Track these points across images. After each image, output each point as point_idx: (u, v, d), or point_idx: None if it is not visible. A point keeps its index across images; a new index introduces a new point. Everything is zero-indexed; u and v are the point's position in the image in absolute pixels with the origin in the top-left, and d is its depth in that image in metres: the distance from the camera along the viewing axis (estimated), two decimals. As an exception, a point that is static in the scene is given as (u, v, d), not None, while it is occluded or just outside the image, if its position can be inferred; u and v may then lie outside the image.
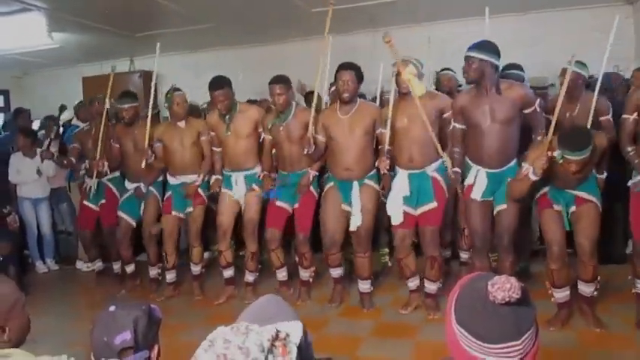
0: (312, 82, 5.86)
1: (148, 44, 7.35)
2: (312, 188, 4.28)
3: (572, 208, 3.40)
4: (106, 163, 4.86)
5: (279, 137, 4.22)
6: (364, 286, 4.09)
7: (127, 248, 4.89)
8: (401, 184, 3.81)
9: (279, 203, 4.29)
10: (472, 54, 3.35)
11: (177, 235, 4.71)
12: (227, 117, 4.28)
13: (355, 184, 3.97)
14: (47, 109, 7.40)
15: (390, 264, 4.89)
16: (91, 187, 5.03)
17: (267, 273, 4.76)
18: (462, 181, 3.70)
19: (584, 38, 3.73)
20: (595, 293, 3.43)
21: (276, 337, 1.06)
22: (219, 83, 4.25)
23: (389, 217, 3.92)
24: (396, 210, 3.82)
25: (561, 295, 3.43)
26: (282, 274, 4.46)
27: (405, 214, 3.81)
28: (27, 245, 5.93)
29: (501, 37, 3.76)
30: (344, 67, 3.89)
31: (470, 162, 3.61)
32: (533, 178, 3.11)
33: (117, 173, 5.08)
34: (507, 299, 1.09)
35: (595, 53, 3.98)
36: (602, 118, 3.86)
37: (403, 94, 3.80)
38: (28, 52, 7.14)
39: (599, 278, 3.41)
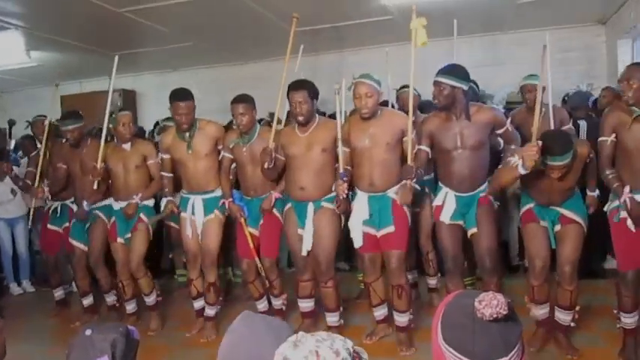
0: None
1: (129, 63, 7.36)
2: (275, 211, 3.99)
3: (558, 227, 3.31)
4: (46, 189, 4.64)
5: (242, 159, 3.96)
6: (332, 319, 3.81)
7: (84, 277, 4.61)
8: (360, 207, 3.60)
9: (249, 230, 4.03)
10: (443, 80, 3.24)
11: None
12: (188, 135, 3.96)
13: (310, 205, 3.70)
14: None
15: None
16: (55, 208, 4.80)
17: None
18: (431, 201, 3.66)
19: (554, 57, 3.80)
20: (572, 324, 3.35)
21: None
22: (183, 94, 3.96)
23: None
24: (356, 233, 3.62)
25: (541, 312, 3.39)
26: (261, 305, 4.19)
27: (369, 235, 3.61)
28: (2, 267, 5.78)
29: (470, 56, 3.81)
30: (295, 87, 3.65)
31: (440, 183, 3.54)
32: (522, 171, 2.94)
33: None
34: (495, 315, 1.10)
35: (567, 71, 4.07)
36: (564, 128, 3.90)
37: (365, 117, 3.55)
38: (6, 71, 7.07)
39: (577, 308, 3.34)
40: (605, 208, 3.33)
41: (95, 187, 4.16)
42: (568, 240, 3.26)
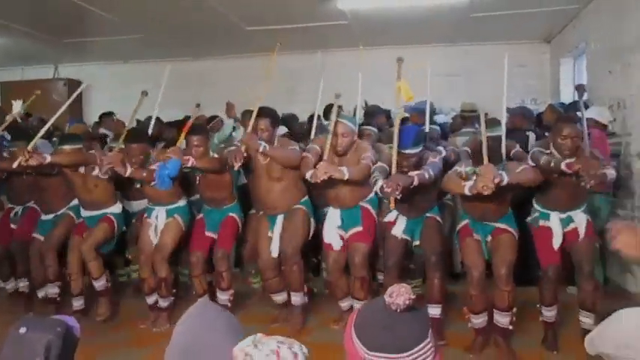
0: (245, 100, 5.85)
1: (75, 51, 7.12)
2: (236, 216, 4.23)
3: (489, 239, 3.53)
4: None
5: (202, 181, 4.18)
6: (296, 298, 4.07)
7: (39, 268, 4.45)
8: (333, 216, 3.89)
9: (206, 233, 4.19)
10: (410, 151, 3.38)
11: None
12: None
13: (280, 215, 3.99)
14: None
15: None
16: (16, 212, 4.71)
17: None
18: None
19: (504, 71, 3.98)
20: (510, 327, 3.51)
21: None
22: (136, 136, 4.06)
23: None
24: (333, 237, 3.86)
25: (479, 320, 3.54)
26: None
27: (342, 237, 3.88)
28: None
29: (434, 65, 3.92)
30: (260, 114, 3.83)
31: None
32: (467, 193, 3.14)
33: (32, 203, 4.70)
34: (407, 302, 1.17)
35: (513, 85, 4.24)
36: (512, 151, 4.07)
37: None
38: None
39: (514, 310, 3.50)
40: (527, 220, 3.68)
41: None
42: (502, 245, 3.49)
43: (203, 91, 6.86)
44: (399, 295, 1.17)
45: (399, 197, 3.18)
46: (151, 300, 4.25)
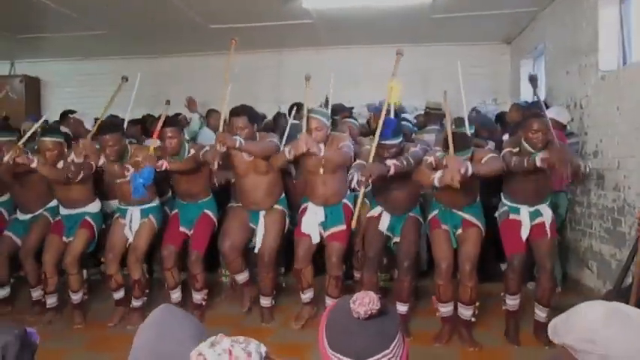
0: (209, 98, 5.79)
1: (33, 47, 6.90)
2: (211, 214, 4.24)
3: (459, 231, 3.66)
4: None
5: (177, 175, 4.18)
6: (265, 301, 4.13)
7: (2, 265, 4.41)
8: (315, 212, 3.94)
9: (180, 228, 4.21)
10: (391, 142, 3.45)
11: (60, 257, 4.24)
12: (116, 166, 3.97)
13: (262, 212, 4.07)
14: None
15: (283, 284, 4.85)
16: None
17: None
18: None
19: (466, 71, 4.08)
20: (473, 319, 3.66)
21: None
22: (108, 126, 4.01)
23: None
24: (312, 230, 3.93)
25: (446, 309, 3.68)
26: (175, 295, 4.23)
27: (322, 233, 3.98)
28: None
29: (385, 65, 3.97)
30: (236, 113, 3.84)
31: (375, 201, 3.90)
32: (436, 184, 3.27)
33: (7, 197, 4.62)
34: (370, 312, 1.16)
35: (474, 85, 4.34)
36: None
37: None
38: None
39: (477, 304, 3.65)
40: (495, 214, 3.81)
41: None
42: (468, 241, 3.63)
43: (167, 89, 6.77)
44: (362, 304, 1.16)
45: (369, 188, 3.29)
46: (117, 295, 4.24)
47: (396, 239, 3.85)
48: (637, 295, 2.32)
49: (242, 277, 4.23)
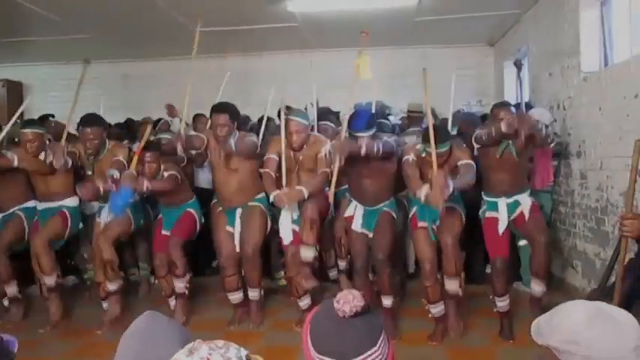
0: (196, 101, 5.74)
1: (15, 51, 6.81)
2: (193, 210, 4.27)
3: (437, 223, 3.69)
4: None
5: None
6: (253, 293, 4.10)
7: None
8: (290, 211, 3.91)
9: (163, 232, 4.22)
10: (364, 134, 3.53)
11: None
12: (92, 158, 4.07)
13: (239, 210, 4.05)
14: None
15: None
16: None
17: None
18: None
19: (450, 74, 4.12)
20: (460, 292, 3.71)
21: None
22: (90, 120, 4.05)
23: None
24: (286, 230, 3.91)
25: (437, 309, 3.70)
26: (173, 302, 4.21)
27: (295, 232, 3.91)
28: None
29: (371, 68, 4.00)
30: (217, 110, 3.86)
31: (350, 197, 3.94)
32: (421, 199, 3.38)
33: None
34: (355, 310, 1.17)
35: (459, 87, 4.38)
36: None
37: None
38: None
39: (463, 275, 3.74)
40: (479, 213, 3.87)
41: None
42: (448, 222, 3.66)
43: (151, 93, 6.73)
44: (346, 302, 1.17)
45: (342, 161, 3.41)
46: (107, 305, 4.18)
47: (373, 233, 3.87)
48: (620, 294, 2.34)
49: (235, 297, 4.14)
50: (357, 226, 3.86)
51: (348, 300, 1.17)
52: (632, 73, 3.52)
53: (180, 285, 4.15)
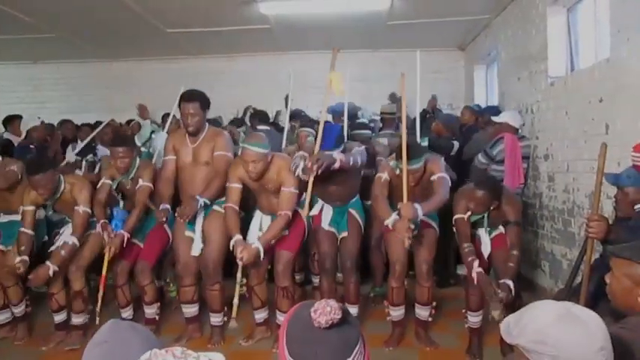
0: (166, 102, 5.69)
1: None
2: (165, 226, 3.93)
3: (415, 232, 3.64)
4: None
5: (129, 192, 3.90)
6: (215, 319, 3.82)
7: None
8: (260, 222, 3.74)
9: (132, 240, 3.88)
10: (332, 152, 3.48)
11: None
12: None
13: (201, 211, 3.74)
14: None
15: (247, 295, 4.31)
16: None
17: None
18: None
19: (422, 77, 4.17)
20: (430, 319, 3.72)
21: None
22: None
23: None
24: (254, 239, 3.64)
25: (397, 313, 3.71)
26: (126, 314, 3.96)
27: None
28: None
29: (353, 70, 4.01)
30: (187, 98, 3.65)
31: (317, 197, 3.86)
32: (389, 227, 3.41)
33: None
34: (331, 321, 1.15)
35: (430, 91, 4.43)
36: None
37: None
38: None
39: (434, 303, 3.72)
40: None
41: None
42: (424, 242, 3.64)
43: (121, 94, 6.62)
44: (323, 314, 1.15)
45: (317, 173, 3.31)
46: (59, 318, 3.90)
47: (343, 234, 3.84)
48: (586, 294, 2.39)
49: (189, 311, 3.86)
50: (325, 223, 3.82)
51: (325, 312, 1.14)
52: (597, 78, 3.61)
53: (151, 311, 3.94)
